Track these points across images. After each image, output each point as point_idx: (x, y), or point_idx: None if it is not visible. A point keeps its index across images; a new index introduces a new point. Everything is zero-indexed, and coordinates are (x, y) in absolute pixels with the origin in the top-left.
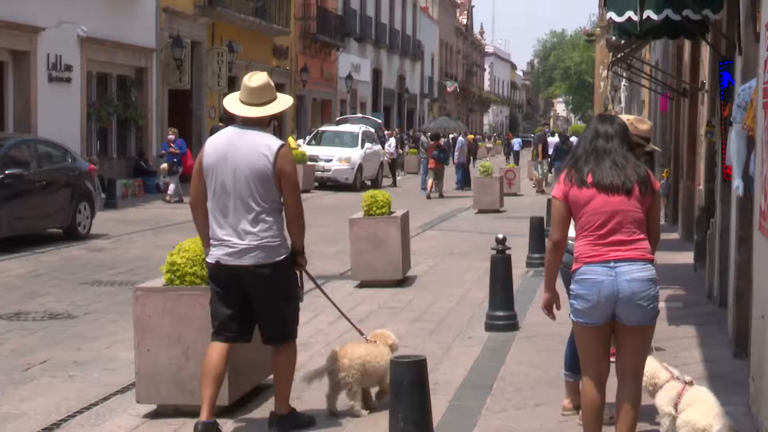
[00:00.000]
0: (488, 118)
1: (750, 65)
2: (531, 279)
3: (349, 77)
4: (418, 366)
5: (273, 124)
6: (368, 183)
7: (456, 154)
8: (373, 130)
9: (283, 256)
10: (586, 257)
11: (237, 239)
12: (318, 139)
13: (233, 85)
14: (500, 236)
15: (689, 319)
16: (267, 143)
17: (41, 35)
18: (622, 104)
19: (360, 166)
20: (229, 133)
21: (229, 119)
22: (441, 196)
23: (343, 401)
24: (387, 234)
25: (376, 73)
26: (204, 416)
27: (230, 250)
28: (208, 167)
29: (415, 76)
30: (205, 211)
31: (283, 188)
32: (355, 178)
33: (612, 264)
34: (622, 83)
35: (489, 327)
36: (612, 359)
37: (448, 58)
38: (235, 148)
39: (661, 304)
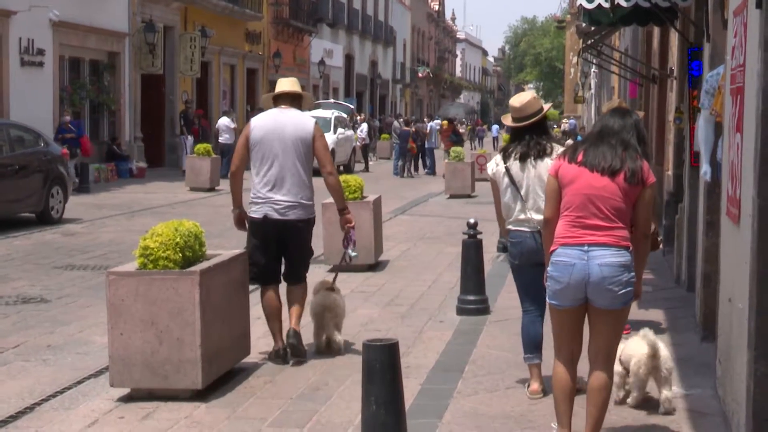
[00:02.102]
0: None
1: (718, 52)
2: (502, 263)
3: (322, 63)
4: (391, 349)
5: (246, 109)
6: (341, 168)
7: (429, 139)
8: (345, 115)
9: (313, 215)
10: (562, 239)
11: (282, 198)
12: None
13: (206, 70)
14: (471, 221)
15: (658, 303)
16: (306, 120)
17: (12, 19)
18: (592, 90)
19: (332, 151)
20: (272, 113)
21: (189, 103)
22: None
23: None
24: (359, 218)
25: (349, 59)
26: (279, 344)
27: (277, 207)
28: (255, 141)
29: (387, 61)
30: (242, 178)
31: (318, 148)
32: None
33: (586, 248)
34: (592, 69)
35: (460, 311)
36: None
37: (420, 44)
38: (283, 124)
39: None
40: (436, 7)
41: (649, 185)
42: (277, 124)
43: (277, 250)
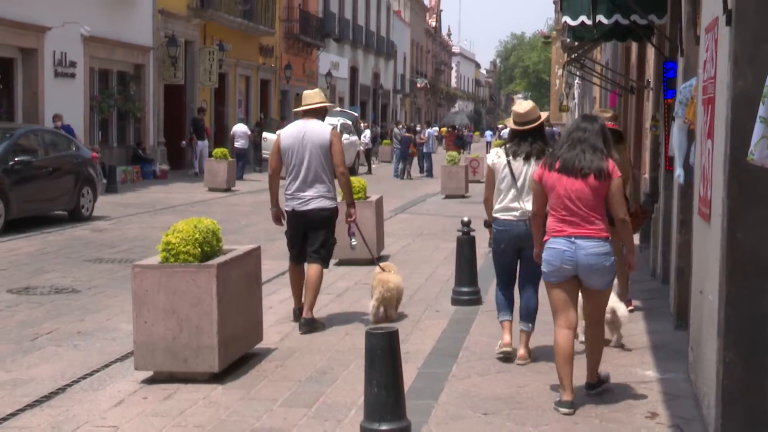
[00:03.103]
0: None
1: (691, 65)
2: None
3: (329, 74)
4: (391, 336)
5: (260, 116)
6: None
7: (427, 144)
8: (350, 122)
9: (334, 205)
10: (552, 232)
11: (305, 193)
12: None
13: (223, 81)
14: (465, 219)
15: (635, 295)
16: (326, 128)
17: (47, 34)
18: (576, 100)
19: None
20: (298, 124)
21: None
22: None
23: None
24: (363, 216)
25: (353, 71)
26: (297, 304)
27: (301, 201)
28: (285, 147)
29: (388, 73)
30: (278, 180)
31: (334, 151)
32: None
33: (572, 239)
34: (576, 81)
35: (455, 301)
36: None
37: (418, 57)
38: (305, 133)
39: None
40: (434, 24)
41: (615, 178)
42: (300, 133)
43: (305, 236)
